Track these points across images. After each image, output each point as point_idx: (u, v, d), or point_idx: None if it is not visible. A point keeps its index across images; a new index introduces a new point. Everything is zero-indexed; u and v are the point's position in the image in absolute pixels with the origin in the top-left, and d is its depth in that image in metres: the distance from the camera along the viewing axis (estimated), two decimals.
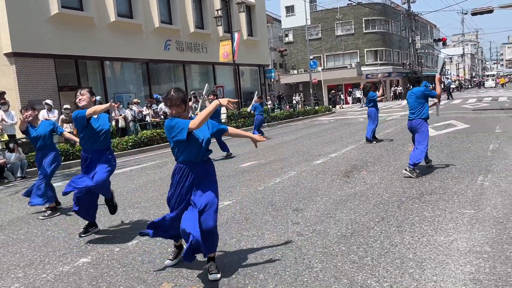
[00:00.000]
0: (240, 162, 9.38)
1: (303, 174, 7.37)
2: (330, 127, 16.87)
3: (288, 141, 13.19)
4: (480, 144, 9.21)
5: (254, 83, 28.91)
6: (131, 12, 19.04)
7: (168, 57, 21.05)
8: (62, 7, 15.75)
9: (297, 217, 4.87)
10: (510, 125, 12.34)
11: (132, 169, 10.01)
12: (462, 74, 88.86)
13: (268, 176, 7.47)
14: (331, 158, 8.98)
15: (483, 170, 6.60)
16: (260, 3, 28.73)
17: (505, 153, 7.98)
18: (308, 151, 10.39)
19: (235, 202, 5.75)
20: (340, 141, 11.90)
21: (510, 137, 9.91)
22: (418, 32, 50.55)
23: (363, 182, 6.44)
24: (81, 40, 16.62)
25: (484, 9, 27.37)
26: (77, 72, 16.86)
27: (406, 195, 5.50)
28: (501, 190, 5.36)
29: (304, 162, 8.65)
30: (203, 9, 23.33)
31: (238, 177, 7.62)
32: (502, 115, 15.95)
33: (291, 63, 49.94)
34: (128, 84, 19.67)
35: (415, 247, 3.72)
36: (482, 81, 77.87)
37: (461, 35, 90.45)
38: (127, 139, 13.47)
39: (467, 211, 4.63)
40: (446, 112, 19.33)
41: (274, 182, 6.87)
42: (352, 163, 8.16)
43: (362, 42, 47.57)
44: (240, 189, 6.59)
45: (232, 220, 4.95)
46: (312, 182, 6.70)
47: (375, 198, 5.44)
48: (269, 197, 5.92)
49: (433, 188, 5.72)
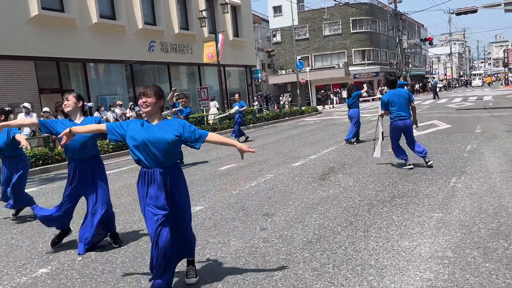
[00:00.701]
0: (219, 165, 9.31)
1: (279, 177, 7.33)
2: (314, 128, 16.87)
3: (271, 142, 13.15)
4: (458, 145, 9.25)
5: (241, 83, 28.86)
6: (114, 13, 18.88)
7: (152, 59, 20.91)
8: (42, 9, 15.55)
9: (266, 222, 4.82)
10: (490, 125, 12.43)
11: (110, 172, 9.87)
12: (449, 73, 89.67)
13: (244, 179, 7.42)
14: (310, 160, 8.95)
15: (457, 172, 6.62)
16: (246, 3, 28.69)
17: (481, 153, 8.02)
18: (288, 153, 10.36)
19: (207, 207, 5.69)
20: (322, 142, 11.89)
21: (488, 137, 9.97)
22: (405, 32, 50.89)
23: (337, 185, 6.41)
24: (63, 42, 16.43)
25: (468, 9, 27.60)
26: (58, 74, 16.67)
27: (377, 198, 5.47)
28: (471, 192, 5.37)
29: (282, 165, 8.61)
30: (188, 10, 23.24)
31: (215, 180, 7.55)
32: (484, 114, 16.09)
33: (279, 63, 49.97)
34: (112, 86, 19.50)
35: (378, 253, 3.69)
36: (469, 80, 78.73)
37: (448, 35, 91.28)
38: (108, 142, 13.32)
39: (435, 214, 4.62)
40: (430, 112, 19.47)
41: (250, 186, 6.82)
42: (330, 165, 8.14)
43: (349, 42, 47.77)
44: (215, 193, 6.52)
45: (200, 226, 4.88)
46: (287, 185, 6.66)
47: (347, 201, 5.42)
48: (242, 201, 5.86)
49: (406, 191, 5.71)
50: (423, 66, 69.48)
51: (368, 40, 47.92)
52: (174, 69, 22.92)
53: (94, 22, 17.58)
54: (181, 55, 22.82)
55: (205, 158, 10.77)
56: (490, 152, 8.06)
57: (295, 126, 19.45)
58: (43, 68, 16.03)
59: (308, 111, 27.29)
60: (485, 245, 3.67)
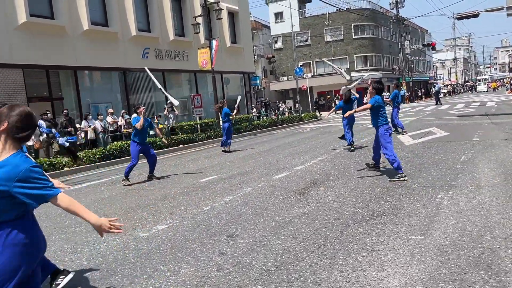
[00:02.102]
0: (200, 177, 8.88)
1: (258, 191, 6.89)
2: (309, 136, 16.42)
3: (262, 151, 12.71)
4: (452, 155, 8.76)
5: (239, 90, 28.49)
6: (106, 20, 18.60)
7: (146, 66, 20.51)
8: (31, 16, 15.27)
9: (227, 245, 4.38)
10: (489, 133, 11.92)
11: (89, 184, 9.49)
12: (454, 78, 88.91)
13: (221, 193, 6.98)
14: (295, 171, 8.50)
15: (446, 185, 6.14)
16: (244, 10, 28.41)
17: (474, 164, 7.54)
18: (276, 163, 9.92)
19: (171, 226, 5.26)
20: (313, 151, 11.44)
21: (485, 146, 9.48)
22: (408, 37, 50.44)
23: (316, 200, 5.96)
24: (53, 49, 16.15)
25: (470, 13, 27.11)
26: (48, 82, 16.35)
27: (355, 216, 5.02)
28: (457, 210, 4.90)
29: (265, 177, 8.17)
30: (184, 17, 22.94)
31: (190, 194, 7.12)
32: (485, 121, 15.56)
33: (280, 69, 49.62)
34: (104, 94, 19.18)
35: (340, 285, 3.23)
36: (474, 86, 77.90)
37: (453, 40, 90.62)
38: (94, 152, 12.96)
39: (413, 237, 4.16)
40: (430, 119, 18.96)
41: (224, 201, 6.38)
42: (314, 177, 7.69)
43: (351, 47, 47.33)
44: (185, 209, 6.09)
45: (156, 250, 4.45)
46: (263, 200, 6.21)
47: (321, 220, 4.96)
48: (210, 219, 5.43)
49: (387, 208, 5.25)
50: (427, 72, 68.81)
51: (370, 45, 47.45)
52: (169, 77, 22.60)
53: (85, 29, 17.29)
54: (176, 62, 22.51)
55: (190, 169, 10.36)
56: (484, 163, 7.57)
57: (291, 133, 19.00)
58: (31, 76, 15.74)
59: (307, 117, 26.83)
60: (462, 277, 3.21)
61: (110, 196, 7.74)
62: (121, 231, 2.64)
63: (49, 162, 11.74)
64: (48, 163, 11.64)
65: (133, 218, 5.84)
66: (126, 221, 5.71)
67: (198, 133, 18.10)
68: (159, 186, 8.26)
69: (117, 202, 7.11)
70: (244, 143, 16.58)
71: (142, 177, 9.43)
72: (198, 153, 14.37)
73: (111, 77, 19.54)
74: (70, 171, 11.97)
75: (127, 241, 4.80)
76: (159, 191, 7.74)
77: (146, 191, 7.90)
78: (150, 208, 6.39)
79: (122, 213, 6.24)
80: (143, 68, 20.23)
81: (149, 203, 6.72)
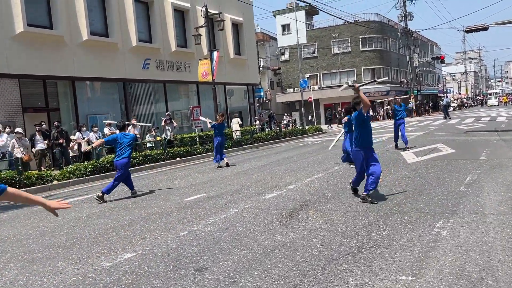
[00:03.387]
0: (187, 195, 8.41)
1: (243, 213, 6.39)
2: (310, 151, 15.90)
3: (258, 167, 12.22)
4: (457, 175, 8.19)
5: (242, 102, 28.12)
6: (107, 30, 18.38)
7: (147, 77, 20.32)
8: (28, 25, 15.07)
9: (193, 282, 3.87)
10: (497, 151, 11.32)
11: (72, 201, 9.05)
12: (464, 92, 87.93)
13: (203, 215, 6.49)
14: (287, 190, 7.99)
15: (447, 212, 5.59)
16: (249, 21, 28.15)
17: (480, 187, 6.97)
18: (269, 180, 9.42)
19: (138, 255, 4.76)
20: (311, 167, 10.92)
21: (492, 166, 8.89)
22: (417, 50, 49.88)
23: (302, 226, 5.44)
24: (50, 59, 15.92)
25: (479, 26, 26.52)
26: (45, 92, 16.08)
27: (342, 247, 4.49)
28: (457, 244, 4.35)
29: (255, 196, 7.67)
30: (186, 27, 22.69)
31: (170, 216, 6.64)
32: (494, 138, 14.93)
33: (287, 81, 49.28)
34: (103, 105, 18.88)
35: None
36: (484, 99, 76.78)
37: (463, 53, 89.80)
38: (86, 164, 12.55)
39: (404, 277, 3.62)
40: (437, 134, 18.36)
41: (204, 225, 5.89)
42: (306, 198, 7.17)
43: (359, 60, 46.86)
44: (159, 234, 5.60)
45: (113, 285, 3.96)
46: (246, 225, 5.71)
47: (304, 252, 4.44)
48: (183, 247, 4.93)
49: (378, 238, 4.72)
50: (436, 85, 68.05)
51: (378, 58, 46.95)
52: (171, 88, 22.28)
53: (84, 39, 17.07)
54: (178, 73, 22.21)
55: (180, 185, 9.89)
56: (490, 186, 7.00)
57: (293, 147, 18.51)
58: (28, 86, 15.49)
59: (311, 130, 26.31)
60: None
61: (88, 215, 7.28)
62: (66, 207, 2.75)
63: (38, 175, 11.35)
64: (36, 176, 11.25)
65: (102, 243, 5.36)
66: (94, 246, 5.23)
67: (197, 145, 17.66)
68: (142, 205, 7.79)
69: (92, 222, 6.65)
70: (243, 157, 16.12)
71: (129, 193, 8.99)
72: (193, 167, 13.92)
73: (111, 88, 19.26)
74: (59, 184, 11.57)
75: (85, 273, 4.31)
76: (139, 210, 7.27)
77: (127, 210, 7.44)
78: (125, 231, 5.92)
79: (93, 236, 5.77)
80: (143, 79, 20.07)
81: (125, 225, 6.24)
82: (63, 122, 16.72)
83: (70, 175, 12.02)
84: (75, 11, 16.79)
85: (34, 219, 7.31)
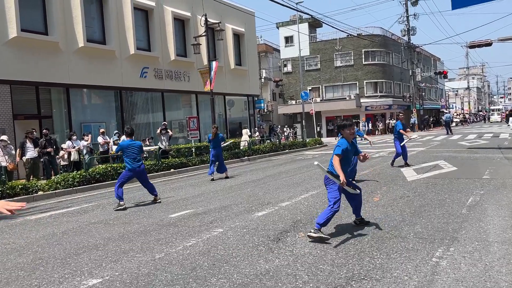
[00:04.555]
0: (173, 210, 7.97)
1: (228, 234, 5.93)
2: (308, 164, 15.46)
3: (252, 181, 11.78)
4: (458, 196, 7.73)
5: (242, 113, 27.77)
6: (104, 37, 18.10)
7: (144, 85, 20.01)
8: (22, 31, 14.78)
9: None
10: (501, 170, 10.85)
11: (53, 214, 8.62)
12: (467, 107, 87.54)
13: (185, 235, 6.04)
14: (279, 208, 7.54)
15: (447, 238, 5.13)
16: (251, 32, 27.92)
17: (483, 210, 6.50)
18: (262, 196, 8.97)
19: (104, 282, 4.30)
20: (307, 183, 10.47)
21: (496, 187, 8.43)
22: (420, 65, 49.60)
23: (289, 251, 4.99)
24: (44, 66, 15.60)
25: (483, 42, 26.26)
26: (37, 99, 15.73)
27: (330, 279, 4.03)
28: (457, 278, 3.89)
29: (244, 214, 7.22)
30: (186, 37, 22.44)
31: (150, 234, 6.19)
32: (497, 155, 14.47)
33: (289, 93, 48.99)
34: (98, 113, 18.53)
35: None
36: (487, 115, 76.24)
37: (466, 69, 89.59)
38: (74, 175, 12.12)
39: None
40: (439, 150, 17.90)
41: (184, 246, 5.44)
42: (297, 217, 6.72)
43: (361, 73, 46.58)
44: (133, 256, 5.15)
45: None
46: (229, 248, 5.25)
47: (287, 283, 3.98)
48: (156, 273, 4.48)
49: (370, 269, 4.25)
50: (439, 100, 67.67)
51: (381, 72, 46.67)
52: (169, 97, 21.94)
53: (80, 45, 16.78)
54: (177, 82, 21.89)
55: (169, 199, 9.45)
56: (494, 209, 6.53)
57: (292, 160, 18.07)
58: (19, 93, 15.15)
59: (311, 143, 25.88)
60: None
61: (64, 231, 6.83)
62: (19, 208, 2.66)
63: (22, 185, 10.93)
64: (21, 187, 10.83)
65: (69, 265, 4.91)
66: (59, 269, 4.79)
67: (193, 156, 17.24)
68: (123, 220, 7.35)
69: (66, 240, 6.20)
70: (239, 169, 15.69)
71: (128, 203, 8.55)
72: (187, 179, 13.49)
73: (106, 96, 18.94)
74: (44, 195, 11.14)
75: None
76: (119, 227, 6.82)
77: (107, 226, 6.99)
78: (97, 251, 5.47)
79: (62, 256, 5.32)
80: (141, 88, 19.74)
81: (100, 244, 5.79)
82: (55, 130, 16.37)
83: (57, 186, 11.59)
84: (72, 17, 16.53)
85: (7, 234, 6.88)
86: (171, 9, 21.10)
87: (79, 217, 8.03)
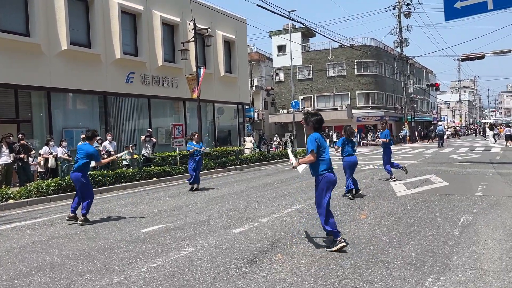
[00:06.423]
0: (146, 224, 7.42)
1: (198, 254, 5.41)
2: (295, 176, 14.95)
3: (235, 192, 11.26)
4: (450, 214, 7.28)
5: (232, 121, 27.28)
6: (89, 40, 17.57)
7: (130, 91, 19.45)
8: (1, 31, 14.22)
9: None
10: (494, 186, 10.44)
11: (17, 225, 8.03)
12: (458, 120, 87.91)
13: (151, 254, 5.50)
14: (259, 224, 7.02)
15: (438, 265, 4.65)
16: (242, 39, 27.53)
17: (476, 231, 6.05)
18: (243, 210, 8.46)
19: None
20: (291, 196, 9.98)
21: (489, 205, 7.99)
22: (412, 77, 49.58)
23: (263, 277, 4.47)
24: (24, 68, 15.03)
25: (475, 55, 26.14)
26: (16, 102, 15.11)
27: None
28: None
29: (220, 231, 6.69)
30: (175, 43, 21.96)
31: (114, 253, 5.64)
32: (489, 170, 14.09)
33: (281, 102, 48.67)
34: (80, 118, 17.90)
35: None
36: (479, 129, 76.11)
37: (458, 82, 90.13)
38: (49, 182, 11.51)
39: None
40: (430, 163, 17.51)
41: (147, 268, 4.90)
42: (277, 235, 6.21)
43: (353, 84, 46.43)
44: (88, 279, 4.60)
45: None
46: (197, 271, 4.73)
47: None
48: None
49: None
50: (430, 112, 67.79)
51: (373, 83, 46.55)
52: (156, 104, 21.39)
53: (63, 48, 16.21)
54: (164, 88, 21.37)
55: (144, 211, 8.90)
56: (488, 231, 6.08)
57: (279, 171, 17.60)
58: None
59: (301, 153, 25.39)
60: None
61: (23, 246, 6.26)
62: None
63: None
64: None
65: None
66: None
67: (177, 165, 16.69)
68: (90, 235, 6.79)
69: (21, 257, 5.63)
70: (224, 179, 15.17)
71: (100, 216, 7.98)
72: (168, 189, 12.94)
73: (90, 101, 18.35)
74: (15, 204, 10.52)
75: None
76: (83, 243, 6.26)
77: (70, 241, 6.43)
78: (51, 271, 4.91)
79: (10, 278, 4.75)
80: (126, 93, 19.19)
81: (55, 264, 5.24)
82: (34, 135, 15.75)
83: (29, 194, 10.98)
84: (55, 19, 15.99)
85: None
86: (159, 14, 20.65)
87: (44, 229, 7.45)
